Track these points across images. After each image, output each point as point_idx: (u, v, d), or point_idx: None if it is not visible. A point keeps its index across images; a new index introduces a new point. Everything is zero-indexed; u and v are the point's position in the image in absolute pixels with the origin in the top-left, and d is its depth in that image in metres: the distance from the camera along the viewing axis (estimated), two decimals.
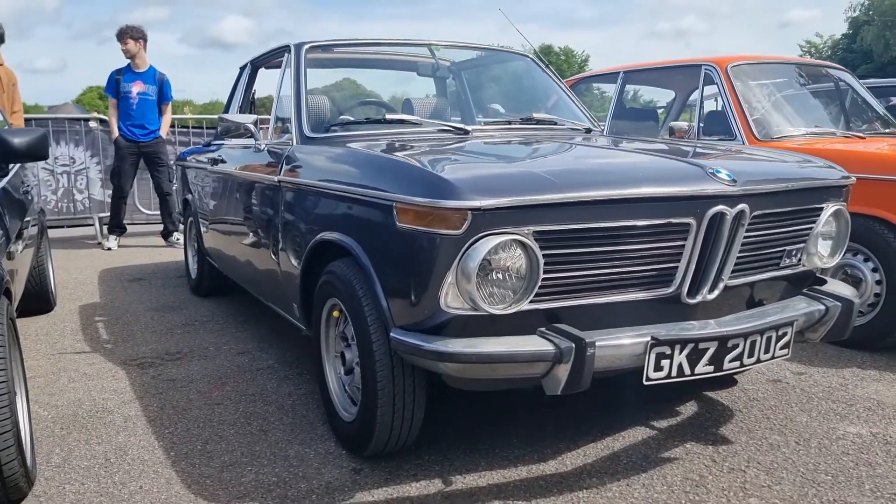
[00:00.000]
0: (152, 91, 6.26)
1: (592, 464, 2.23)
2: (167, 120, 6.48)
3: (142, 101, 6.22)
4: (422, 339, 1.85)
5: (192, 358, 3.30)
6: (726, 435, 2.42)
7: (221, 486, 2.11)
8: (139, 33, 6.20)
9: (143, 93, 6.22)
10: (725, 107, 3.97)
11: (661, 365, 1.89)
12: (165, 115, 6.43)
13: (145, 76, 6.26)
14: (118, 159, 6.35)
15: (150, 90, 6.24)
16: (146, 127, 6.26)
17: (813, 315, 2.21)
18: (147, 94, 6.23)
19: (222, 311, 4.18)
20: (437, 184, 1.82)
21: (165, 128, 6.47)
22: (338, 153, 2.51)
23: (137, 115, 6.22)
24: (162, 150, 6.43)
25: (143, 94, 6.22)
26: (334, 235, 2.25)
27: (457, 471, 2.19)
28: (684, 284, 2.01)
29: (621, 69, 4.90)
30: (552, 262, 1.83)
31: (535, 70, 3.61)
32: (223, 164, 3.65)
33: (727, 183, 1.97)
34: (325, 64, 3.55)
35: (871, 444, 2.35)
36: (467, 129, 2.83)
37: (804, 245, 2.29)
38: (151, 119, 6.28)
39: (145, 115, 6.25)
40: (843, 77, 4.56)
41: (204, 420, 2.59)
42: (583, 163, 2.29)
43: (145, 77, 6.26)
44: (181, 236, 6.01)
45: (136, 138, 6.25)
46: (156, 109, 6.33)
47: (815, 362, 3.16)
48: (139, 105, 6.21)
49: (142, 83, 6.22)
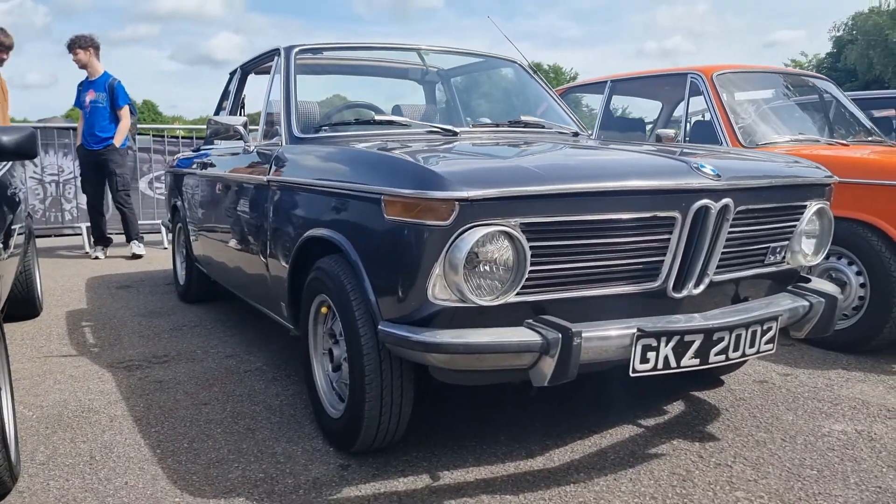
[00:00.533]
0: (102, 98, 6.17)
1: (580, 460, 2.23)
2: (125, 124, 6.24)
3: (93, 108, 6.17)
4: (409, 331, 1.86)
5: (180, 361, 3.29)
6: (713, 432, 2.43)
7: (208, 482, 2.10)
8: (87, 42, 6.14)
9: (94, 101, 6.18)
10: (711, 114, 4.02)
11: (648, 357, 1.91)
12: (123, 120, 6.22)
13: (97, 84, 6.22)
14: (80, 169, 6.39)
15: (100, 97, 6.17)
16: (97, 135, 6.17)
17: (797, 311, 2.24)
18: (97, 101, 6.17)
19: (210, 316, 4.16)
20: (425, 175, 1.84)
21: (120, 134, 6.22)
22: (327, 151, 2.52)
23: (90, 124, 6.20)
24: (111, 158, 6.19)
25: (94, 102, 6.18)
26: (323, 232, 2.26)
27: (444, 467, 2.18)
28: (670, 278, 2.02)
29: (609, 78, 4.96)
30: (539, 255, 1.84)
31: (523, 76, 3.65)
32: (212, 168, 3.66)
33: (711, 178, 2.00)
34: (314, 70, 3.57)
35: (856, 440, 2.37)
36: (456, 130, 2.86)
37: (788, 243, 2.32)
38: (102, 126, 6.16)
39: (97, 122, 6.17)
40: (826, 87, 4.63)
41: (191, 419, 2.57)
42: (570, 159, 2.32)
43: (96, 85, 6.21)
44: (138, 251, 6.21)
45: (90, 146, 6.21)
46: (107, 116, 6.18)
47: (801, 364, 3.18)
48: (91, 113, 6.19)
49: (93, 91, 6.20)
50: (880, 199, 3.25)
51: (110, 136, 6.19)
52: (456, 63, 3.87)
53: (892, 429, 2.46)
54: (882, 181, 3.26)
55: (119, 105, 6.20)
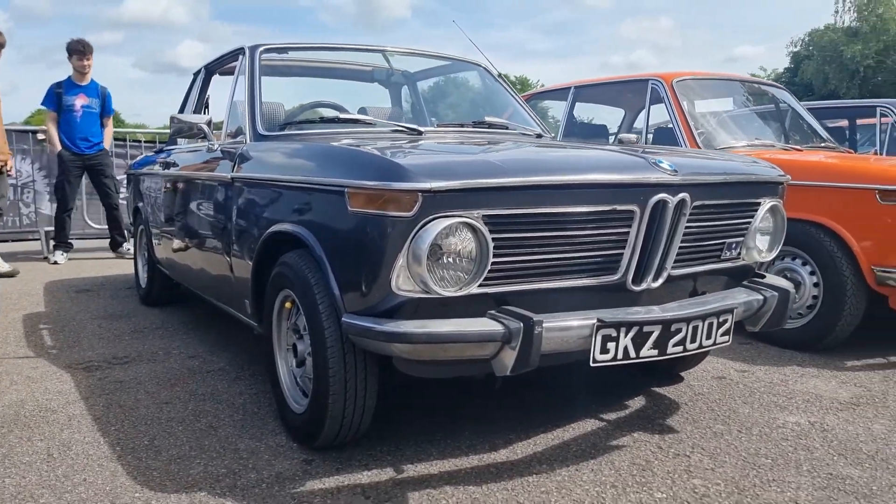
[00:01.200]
0: (96, 104, 6.29)
1: (542, 452, 2.26)
2: (110, 132, 6.53)
3: (86, 113, 6.23)
4: (373, 322, 1.87)
5: (141, 362, 3.24)
6: (672, 425, 2.48)
7: (168, 478, 2.08)
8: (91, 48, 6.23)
9: (87, 106, 6.24)
10: (671, 119, 4.11)
11: (608, 347, 1.94)
12: (108, 128, 6.48)
13: (88, 90, 6.27)
14: (63, 173, 6.28)
15: (93, 103, 6.27)
16: (90, 139, 6.26)
17: (752, 304, 2.30)
18: (90, 106, 6.26)
19: (173, 318, 4.11)
20: (389, 168, 1.86)
21: (108, 140, 6.50)
22: (292, 148, 2.53)
23: (82, 128, 6.22)
24: (107, 162, 6.49)
25: (88, 107, 6.24)
26: (287, 227, 2.26)
27: (408, 460, 2.19)
28: (629, 271, 2.07)
29: (572, 84, 5.04)
30: (501, 246, 1.87)
31: (488, 79, 3.69)
32: (175, 168, 3.63)
33: (669, 172, 2.05)
34: (280, 71, 3.57)
35: (809, 431, 2.44)
36: (421, 129, 2.88)
37: (743, 239, 2.38)
38: (96, 132, 6.30)
39: (90, 127, 6.26)
40: (782, 96, 4.77)
41: (152, 418, 2.54)
42: (532, 154, 2.35)
43: (88, 90, 6.27)
44: (131, 246, 5.93)
45: (82, 151, 6.24)
46: (99, 122, 6.36)
47: (758, 361, 3.26)
48: (84, 118, 6.22)
49: (85, 96, 6.23)
50: (833, 202, 3.36)
51: (102, 141, 6.37)
52: (422, 66, 3.90)
53: (844, 420, 2.54)
54: (834, 184, 3.38)
55: (109, 113, 6.45)
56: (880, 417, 2.57)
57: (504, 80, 3.72)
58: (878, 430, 2.46)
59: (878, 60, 24.49)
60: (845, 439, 2.37)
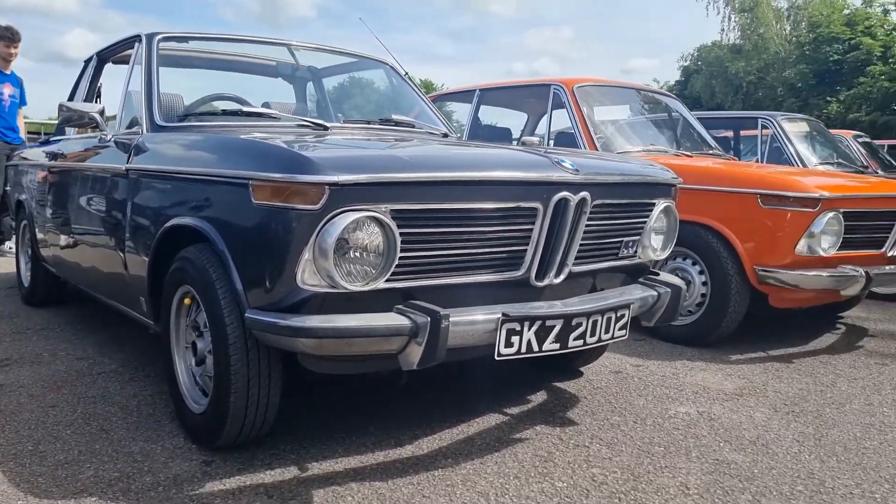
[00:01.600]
0: (17, 94, 6.06)
1: (448, 446, 2.28)
2: (23, 123, 6.37)
3: (12, 103, 6.01)
4: (277, 317, 1.83)
5: (23, 364, 3.04)
6: (572, 418, 2.56)
7: (55, 484, 1.96)
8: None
9: (12, 95, 6.01)
10: (572, 123, 4.24)
11: (512, 341, 1.99)
12: (21, 119, 6.28)
13: (13, 79, 6.02)
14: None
15: (16, 93, 6.05)
16: (16, 129, 6.06)
17: (647, 300, 2.40)
18: (14, 96, 6.03)
19: (59, 319, 3.88)
20: (295, 160, 1.83)
21: (24, 131, 6.34)
22: (192, 139, 2.45)
23: (9, 118, 5.98)
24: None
25: (13, 97, 6.02)
26: (187, 220, 2.18)
27: (313, 458, 2.16)
28: (532, 268, 2.12)
29: (477, 87, 5.12)
30: (409, 241, 1.88)
31: (394, 78, 3.70)
32: (63, 159, 3.43)
33: (571, 171, 2.12)
34: (178, 62, 3.45)
35: (698, 420, 2.58)
36: (326, 125, 2.85)
37: (639, 238, 2.49)
38: (15, 124, 6.07)
39: (14, 117, 6.05)
40: (675, 106, 5.02)
41: (36, 422, 2.39)
42: (439, 151, 2.38)
43: (13, 80, 6.02)
44: (13, 244, 5.57)
45: (10, 140, 5.96)
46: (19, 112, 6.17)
47: (652, 356, 3.41)
48: (10, 108, 5.99)
49: (10, 86, 5.98)
50: (719, 205, 3.57)
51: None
52: (328, 62, 3.85)
53: (729, 410, 2.70)
54: (721, 188, 3.59)
55: (24, 104, 6.21)
56: (761, 406, 2.75)
57: (410, 80, 3.73)
58: (759, 417, 2.62)
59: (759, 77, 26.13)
60: (730, 427, 2.52)
